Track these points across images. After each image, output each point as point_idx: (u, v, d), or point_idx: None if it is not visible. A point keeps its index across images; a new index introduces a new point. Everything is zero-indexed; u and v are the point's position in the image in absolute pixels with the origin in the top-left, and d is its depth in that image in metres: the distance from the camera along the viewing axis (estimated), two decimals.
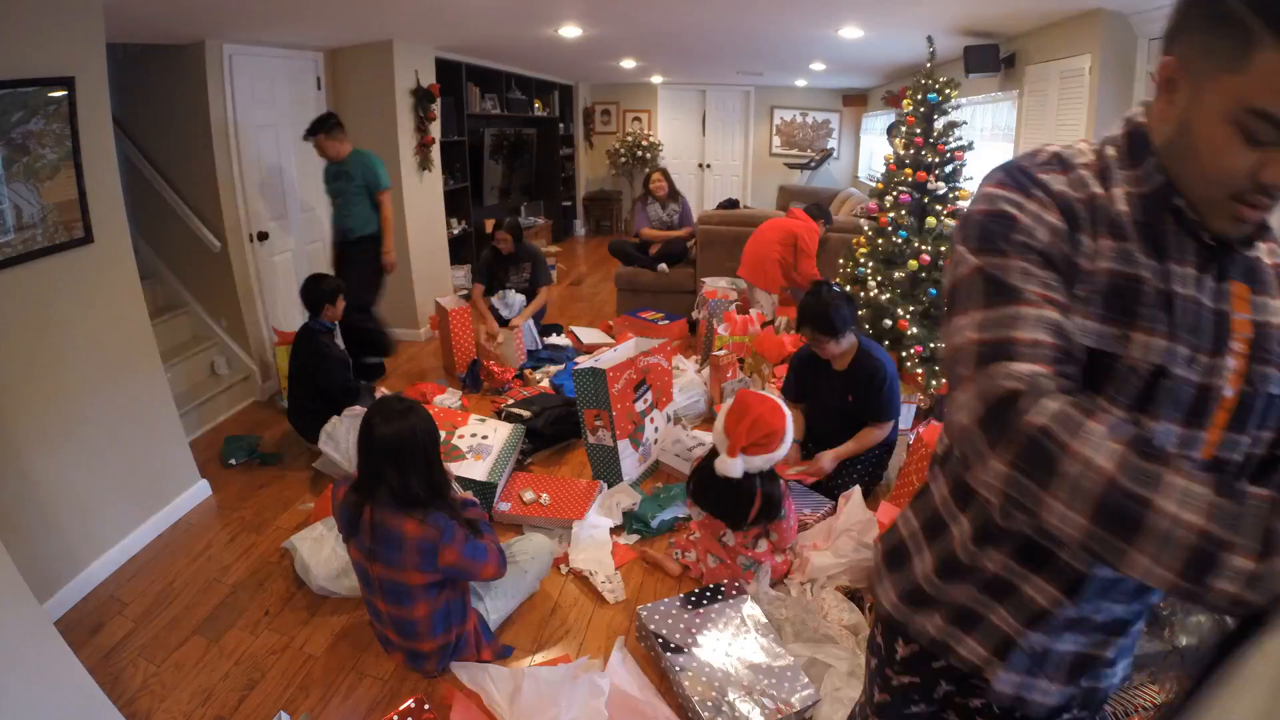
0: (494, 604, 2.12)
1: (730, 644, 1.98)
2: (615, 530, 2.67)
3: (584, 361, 3.18)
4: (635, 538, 2.66)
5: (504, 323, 4.25)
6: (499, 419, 3.26)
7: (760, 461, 2.14)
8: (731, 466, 2.11)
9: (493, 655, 2.03)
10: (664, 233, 5.17)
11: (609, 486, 2.92)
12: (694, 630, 2.02)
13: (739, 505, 2.17)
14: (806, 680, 1.88)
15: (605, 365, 2.84)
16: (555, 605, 2.32)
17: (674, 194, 5.20)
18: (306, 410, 3.15)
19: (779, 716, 1.77)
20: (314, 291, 3.23)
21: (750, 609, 2.11)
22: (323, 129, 3.64)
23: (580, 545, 2.53)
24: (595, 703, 1.79)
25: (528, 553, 2.27)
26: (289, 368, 3.28)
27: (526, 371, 4.18)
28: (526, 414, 3.31)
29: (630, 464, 2.98)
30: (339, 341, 3.52)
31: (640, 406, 3.05)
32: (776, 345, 3.62)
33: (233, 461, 3.19)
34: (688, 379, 3.78)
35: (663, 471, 3.17)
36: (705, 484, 2.23)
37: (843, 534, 2.39)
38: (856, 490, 2.45)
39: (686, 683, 1.84)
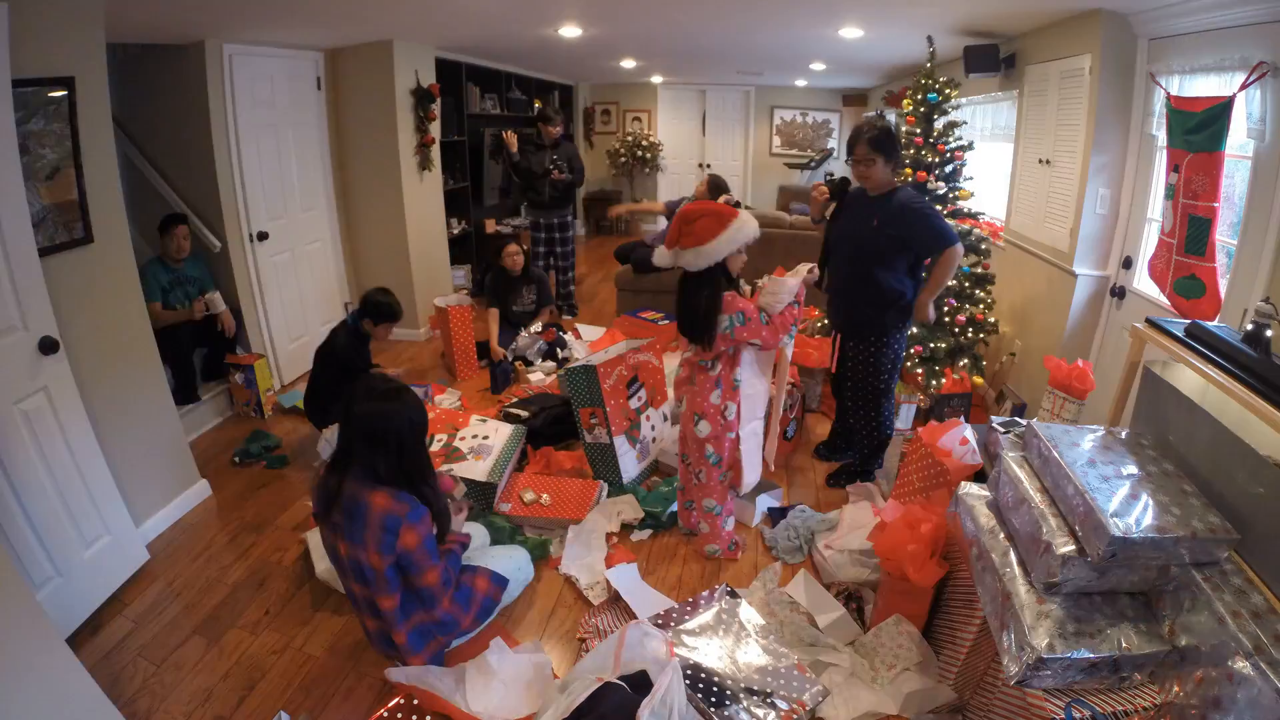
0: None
1: (734, 650, 1.98)
2: (618, 534, 2.67)
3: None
4: (648, 532, 2.68)
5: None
6: (500, 419, 3.26)
7: (690, 256, 2.22)
8: (660, 256, 2.32)
9: (490, 587, 2.04)
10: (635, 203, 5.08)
11: (610, 486, 2.92)
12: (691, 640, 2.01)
13: (689, 311, 2.30)
14: (813, 676, 1.88)
15: (596, 362, 2.86)
16: (554, 607, 2.32)
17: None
18: (319, 393, 3.15)
19: (794, 717, 1.77)
20: (375, 302, 3.13)
21: (746, 612, 2.11)
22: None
23: (573, 550, 2.53)
24: (537, 657, 1.99)
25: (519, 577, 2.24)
26: (315, 355, 3.22)
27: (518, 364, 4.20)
28: (525, 414, 3.31)
29: (629, 461, 2.98)
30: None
31: (634, 404, 3.05)
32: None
33: (236, 460, 3.19)
34: None
35: (663, 469, 3.17)
36: (680, 297, 2.35)
37: (850, 533, 2.40)
38: (869, 487, 2.44)
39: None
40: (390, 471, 1.78)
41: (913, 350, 3.37)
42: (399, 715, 1.80)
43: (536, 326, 4.38)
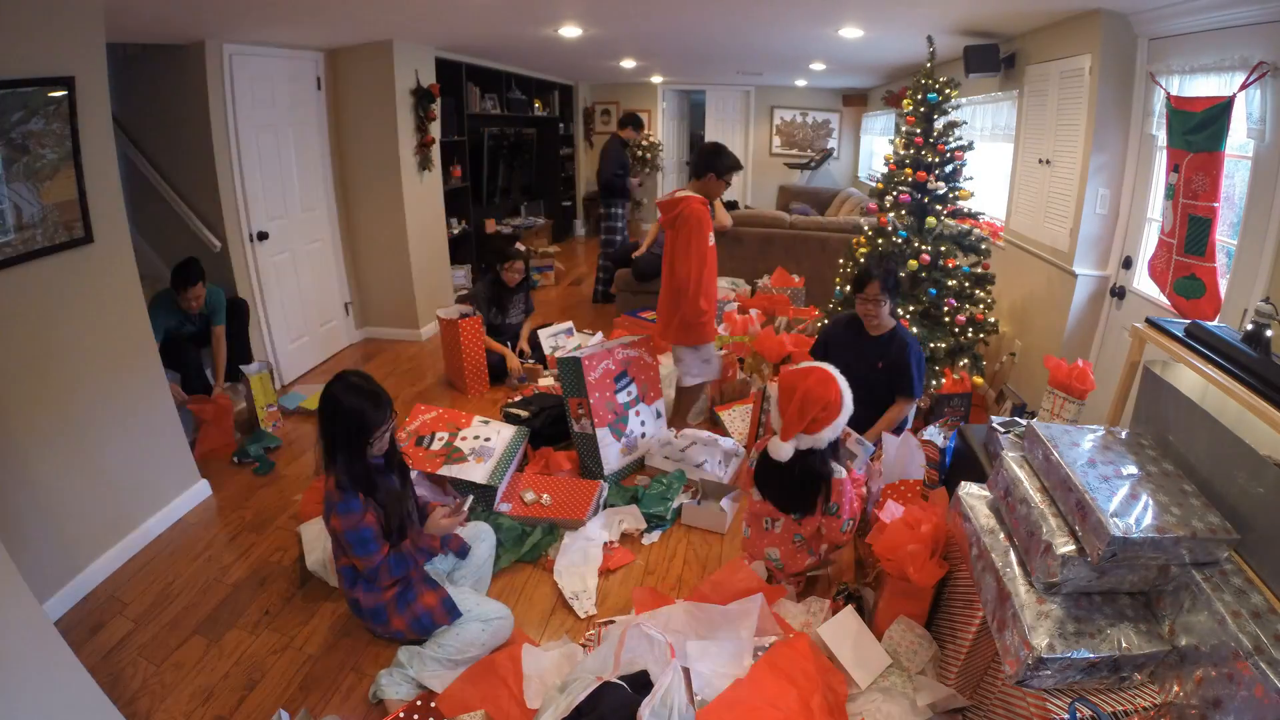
0: (438, 651, 1.99)
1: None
2: (625, 539, 2.67)
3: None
4: (657, 533, 2.68)
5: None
6: (503, 419, 3.27)
7: (828, 434, 2.08)
8: (781, 450, 2.08)
9: (439, 607, 2.01)
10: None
11: (593, 478, 2.95)
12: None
13: (801, 490, 2.13)
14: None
15: (582, 355, 2.91)
16: (554, 607, 2.32)
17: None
18: None
19: None
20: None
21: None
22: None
23: (568, 554, 2.51)
24: (567, 648, 2.02)
25: (486, 618, 2.08)
26: None
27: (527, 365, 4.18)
28: (525, 413, 3.31)
29: (612, 454, 2.99)
30: None
31: (623, 399, 3.06)
32: (776, 345, 3.62)
33: (235, 460, 3.19)
34: None
35: (649, 469, 3.15)
36: (766, 471, 2.18)
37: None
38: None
39: None
40: (323, 453, 1.96)
41: None
42: (414, 717, 1.81)
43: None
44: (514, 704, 1.86)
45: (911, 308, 3.40)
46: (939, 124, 3.39)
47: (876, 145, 7.73)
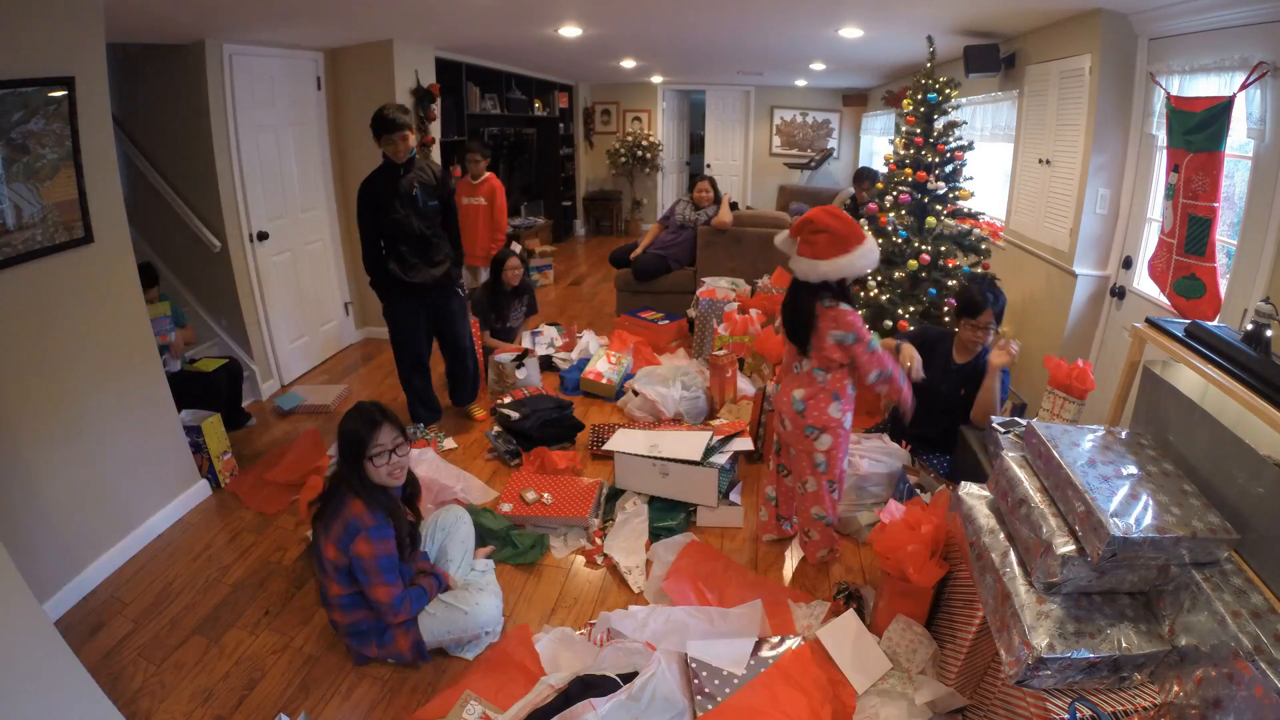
0: (430, 619, 2.03)
1: None
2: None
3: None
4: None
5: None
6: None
7: (804, 266, 2.15)
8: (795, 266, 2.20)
9: (409, 650, 2.00)
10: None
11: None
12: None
13: (798, 317, 2.23)
14: None
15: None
16: (554, 608, 2.33)
17: (716, 199, 5.09)
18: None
19: None
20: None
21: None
22: None
23: (620, 533, 2.60)
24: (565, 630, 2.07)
25: (477, 600, 2.10)
26: None
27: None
28: (515, 415, 3.31)
29: None
30: None
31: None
32: (776, 345, 3.62)
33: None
34: (689, 378, 3.78)
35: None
36: (787, 299, 2.30)
37: None
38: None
39: None
40: (346, 479, 1.93)
41: None
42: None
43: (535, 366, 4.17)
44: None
45: (912, 308, 3.40)
46: (939, 124, 3.40)
47: (876, 145, 7.73)
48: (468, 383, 3.59)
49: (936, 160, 3.35)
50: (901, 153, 3.46)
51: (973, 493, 1.87)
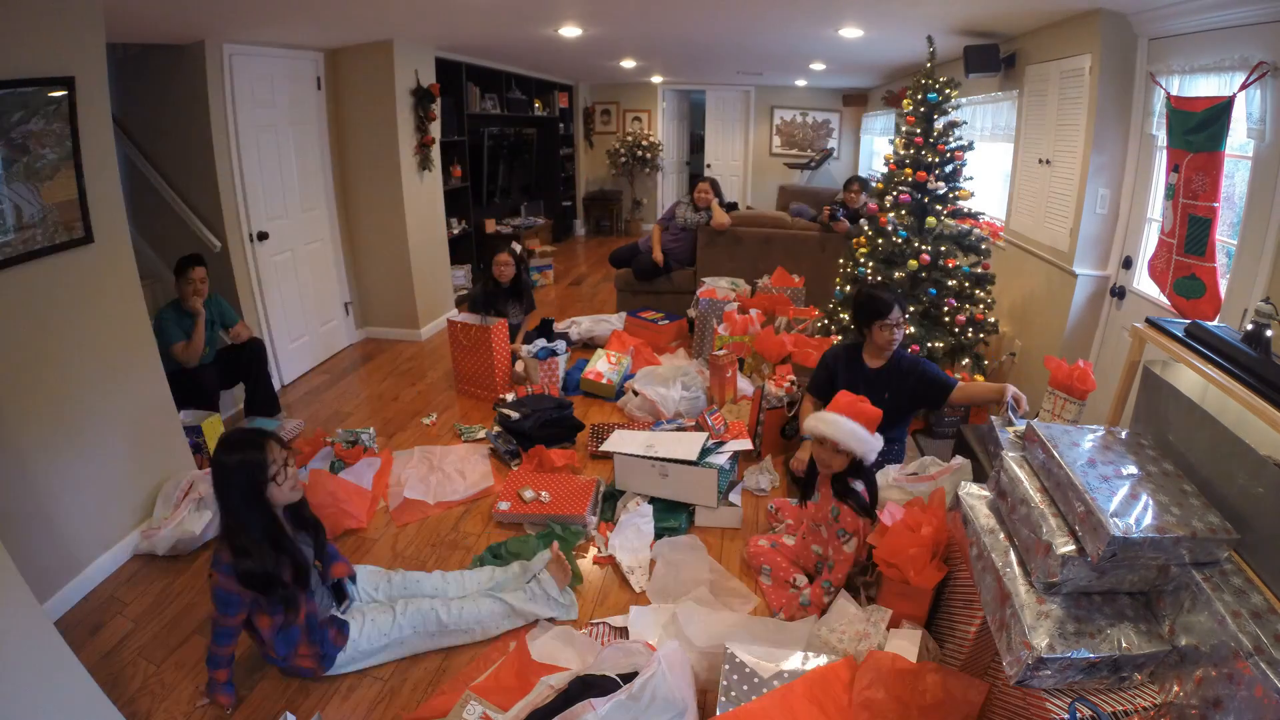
0: (363, 633, 2.00)
1: None
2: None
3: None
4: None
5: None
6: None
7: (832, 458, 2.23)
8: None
9: (313, 661, 1.94)
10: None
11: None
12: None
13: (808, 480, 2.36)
14: None
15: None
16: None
17: (722, 202, 5.07)
18: None
19: None
20: None
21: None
22: None
23: (622, 532, 2.59)
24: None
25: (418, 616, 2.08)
26: None
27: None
28: (516, 415, 3.31)
29: None
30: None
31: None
32: (777, 345, 3.62)
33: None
34: (689, 378, 3.79)
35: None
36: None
37: None
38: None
39: None
40: (226, 520, 1.84)
41: (910, 349, 3.37)
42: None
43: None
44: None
45: (911, 308, 3.40)
46: (939, 124, 3.39)
47: (877, 145, 7.73)
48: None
49: (936, 160, 3.34)
50: (901, 153, 3.45)
51: (973, 493, 1.87)
